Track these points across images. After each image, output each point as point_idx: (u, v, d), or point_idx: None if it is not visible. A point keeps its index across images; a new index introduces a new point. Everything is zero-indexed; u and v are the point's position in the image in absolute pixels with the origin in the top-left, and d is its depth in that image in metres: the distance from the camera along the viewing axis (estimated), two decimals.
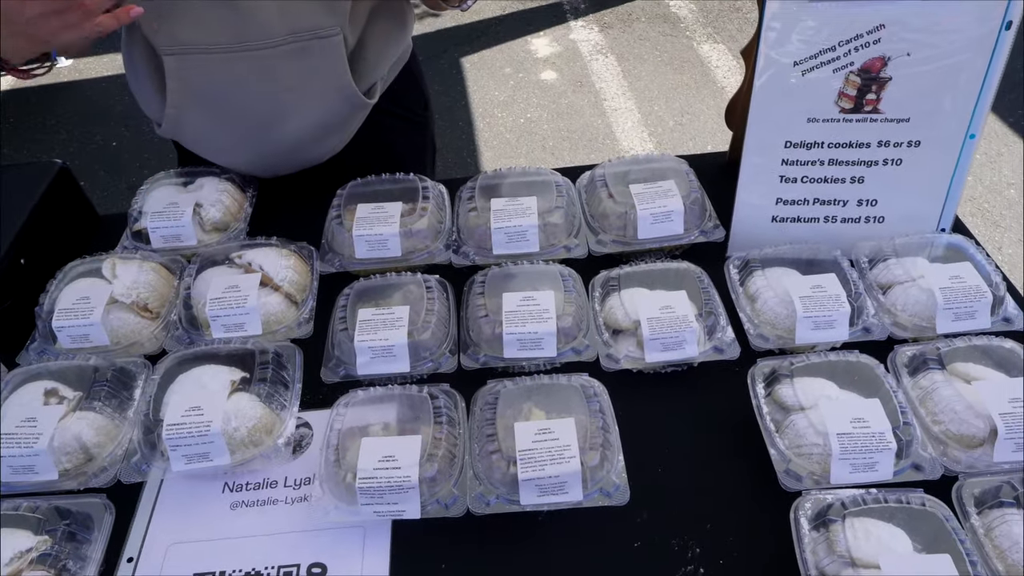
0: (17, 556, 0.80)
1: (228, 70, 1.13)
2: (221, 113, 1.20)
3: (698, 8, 4.27)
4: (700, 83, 3.67)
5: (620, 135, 3.40)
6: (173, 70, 1.14)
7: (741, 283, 1.05)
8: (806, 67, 0.97)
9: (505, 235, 1.12)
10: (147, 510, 0.91)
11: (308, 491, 0.92)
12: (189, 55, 1.12)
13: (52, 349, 1.05)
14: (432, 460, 0.86)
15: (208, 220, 1.21)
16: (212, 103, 1.18)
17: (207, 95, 1.17)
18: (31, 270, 1.12)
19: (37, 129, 3.81)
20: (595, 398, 0.91)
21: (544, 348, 0.99)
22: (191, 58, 1.12)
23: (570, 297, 1.03)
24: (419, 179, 1.21)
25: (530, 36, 4.21)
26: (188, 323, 1.07)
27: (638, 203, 1.11)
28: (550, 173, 1.22)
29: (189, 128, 1.24)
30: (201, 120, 1.22)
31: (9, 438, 0.89)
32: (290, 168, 1.33)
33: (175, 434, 0.88)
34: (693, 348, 0.96)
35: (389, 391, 0.94)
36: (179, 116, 1.21)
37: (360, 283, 1.08)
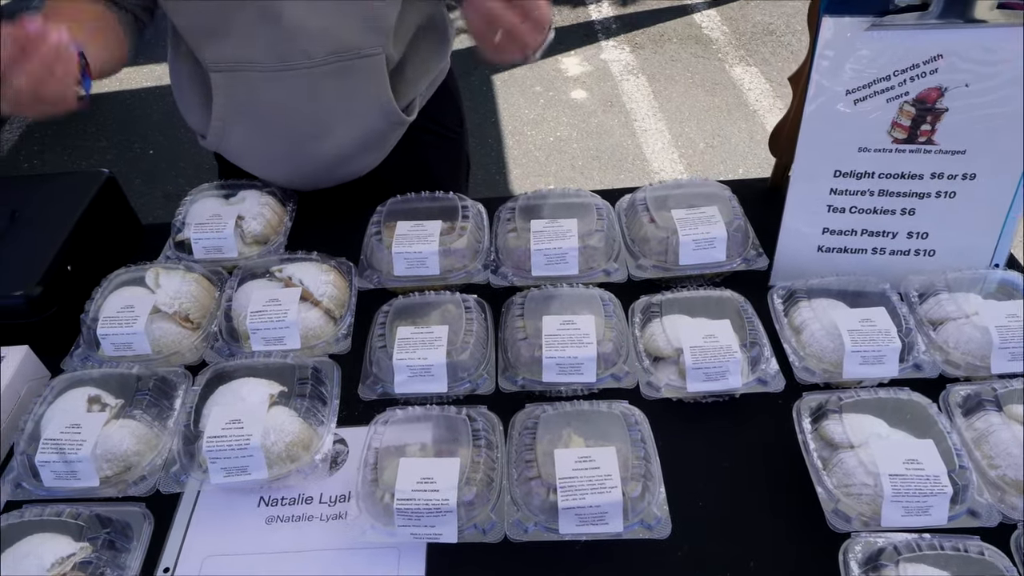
0: (59, 561, 0.80)
1: (272, 87, 1.15)
2: (264, 129, 1.21)
3: (731, 30, 4.27)
4: (732, 106, 3.66)
5: (650, 156, 3.39)
6: (220, 86, 1.16)
7: (785, 314, 1.03)
8: (859, 96, 0.96)
9: (544, 257, 1.12)
10: (184, 521, 0.91)
11: (343, 509, 0.92)
12: (236, 72, 1.13)
13: (95, 356, 1.06)
14: (470, 484, 0.85)
15: (249, 233, 1.22)
16: (256, 119, 1.20)
17: (251, 111, 1.18)
18: (77, 277, 1.13)
19: (78, 136, 3.88)
20: (636, 427, 0.90)
21: (584, 373, 0.98)
22: (237, 75, 1.13)
23: (611, 322, 1.02)
24: (459, 198, 1.21)
25: (561, 55, 4.23)
26: (228, 335, 1.08)
27: (680, 229, 1.10)
28: (590, 195, 1.21)
29: (233, 142, 1.26)
30: (245, 135, 1.23)
31: (53, 443, 0.89)
32: (329, 182, 1.34)
33: (215, 446, 0.88)
34: (736, 379, 0.95)
35: (427, 411, 0.93)
36: (224, 130, 1.23)
37: (399, 301, 1.08)
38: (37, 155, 3.79)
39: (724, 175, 3.23)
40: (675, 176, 3.24)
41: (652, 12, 4.55)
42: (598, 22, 4.51)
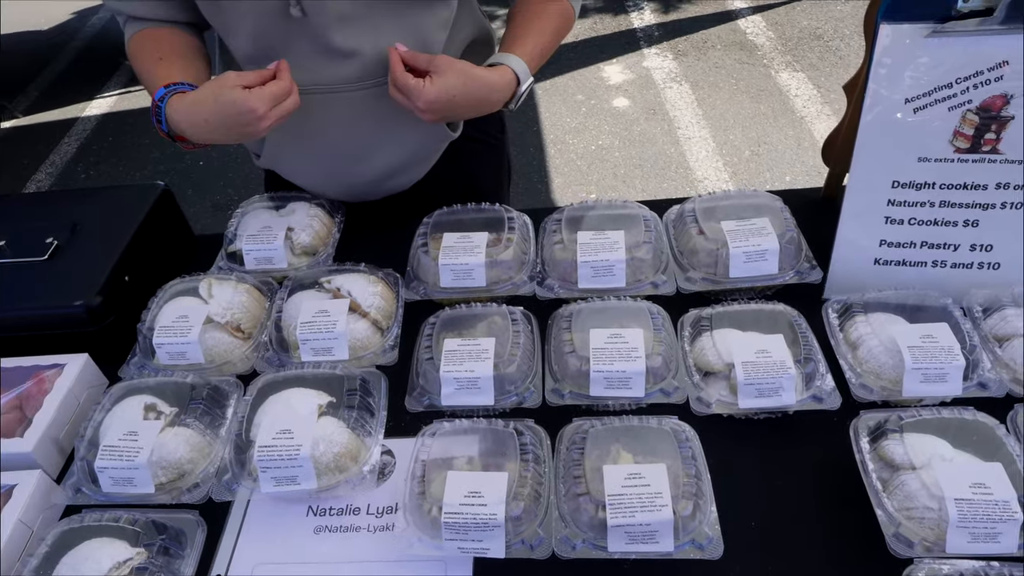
0: (116, 566, 0.82)
1: (324, 109, 1.17)
2: (316, 149, 1.24)
3: (776, 36, 4.20)
4: (778, 112, 3.60)
5: (694, 164, 3.36)
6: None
7: (841, 328, 1.00)
8: (918, 104, 0.93)
9: (591, 269, 1.11)
10: (235, 528, 0.93)
11: (390, 520, 0.92)
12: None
13: (151, 364, 1.08)
14: (518, 499, 0.84)
15: (298, 244, 1.23)
16: (308, 138, 1.22)
17: (304, 132, 1.21)
18: (134, 287, 1.16)
19: (132, 147, 4.01)
20: (687, 443, 0.88)
21: (632, 388, 0.97)
22: None
23: (659, 336, 1.00)
24: (504, 209, 1.21)
25: (603, 63, 4.21)
26: (278, 345, 1.09)
27: (731, 241, 1.08)
28: (637, 206, 1.20)
29: (285, 160, 1.29)
30: (297, 155, 1.26)
31: (112, 450, 0.92)
32: (376, 196, 1.36)
33: (266, 456, 0.89)
34: (790, 396, 0.92)
35: (475, 424, 0.93)
36: (277, 149, 1.27)
37: (445, 312, 1.08)
38: (93, 166, 3.92)
39: (770, 183, 3.18)
40: (719, 184, 3.20)
41: (695, 19, 4.51)
42: (640, 30, 4.49)
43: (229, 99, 1.01)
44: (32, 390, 1.03)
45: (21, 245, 1.18)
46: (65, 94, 4.61)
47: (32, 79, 4.82)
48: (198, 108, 1.04)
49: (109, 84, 4.66)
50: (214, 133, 1.05)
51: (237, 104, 1.00)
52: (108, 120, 4.31)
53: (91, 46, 5.19)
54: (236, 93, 1.01)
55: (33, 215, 1.26)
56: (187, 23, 1.20)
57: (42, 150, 4.08)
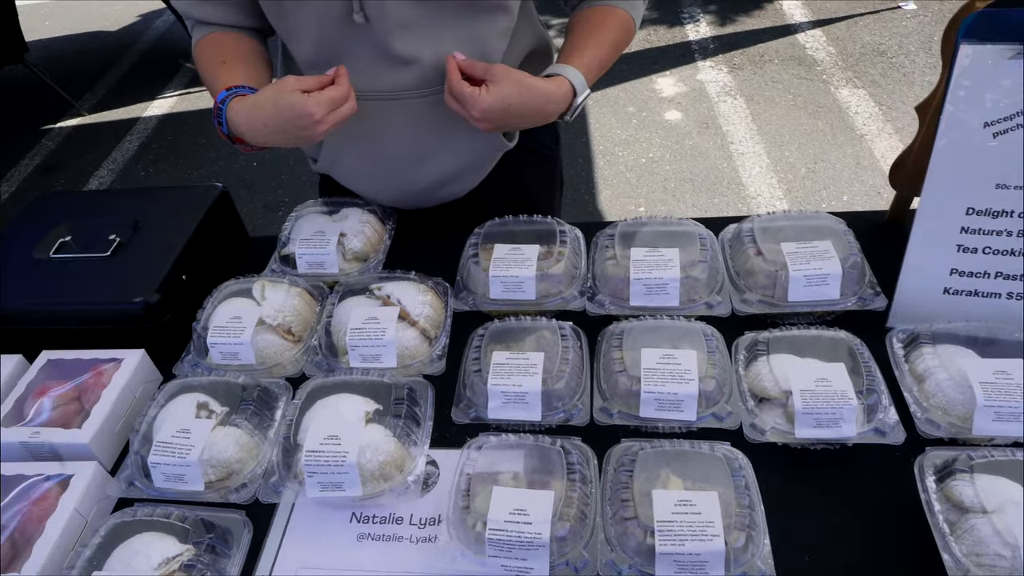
0: (165, 561, 0.83)
1: (383, 115, 1.17)
2: (372, 153, 1.24)
3: (837, 51, 4.11)
4: (836, 129, 3.51)
5: (747, 180, 3.30)
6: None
7: (906, 359, 0.96)
8: (999, 129, 0.89)
9: (644, 287, 1.09)
10: (279, 531, 0.93)
11: (433, 532, 0.91)
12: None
13: (204, 363, 1.10)
14: (564, 519, 0.83)
15: (350, 250, 1.24)
16: (365, 144, 1.23)
17: (362, 137, 1.21)
18: (190, 286, 1.18)
19: (190, 147, 4.11)
20: (740, 472, 0.85)
21: (683, 411, 0.94)
22: None
23: (713, 358, 0.98)
24: (556, 222, 1.20)
25: (655, 75, 4.18)
26: (327, 349, 1.10)
27: (790, 263, 1.05)
28: (693, 224, 1.18)
29: (342, 165, 1.30)
30: (353, 160, 1.27)
31: (165, 446, 0.93)
32: (429, 203, 1.36)
33: (313, 461, 0.90)
34: (851, 428, 0.89)
35: (521, 440, 0.92)
36: (335, 154, 1.28)
37: (494, 325, 1.07)
38: (152, 164, 4.03)
39: (826, 201, 3.10)
40: (773, 202, 3.13)
41: (752, 32, 4.44)
42: (695, 42, 4.44)
43: (288, 103, 1.02)
44: (91, 382, 1.06)
45: (86, 241, 1.21)
46: (128, 94, 4.76)
47: (98, 79, 4.99)
48: (257, 111, 1.05)
49: (170, 85, 4.80)
50: (272, 136, 1.06)
51: (295, 108, 1.01)
52: (168, 120, 4.43)
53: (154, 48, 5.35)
54: (295, 97, 1.02)
55: (98, 212, 1.30)
56: (252, 29, 1.22)
57: (105, 148, 4.22)
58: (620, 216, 3.12)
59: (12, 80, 4.62)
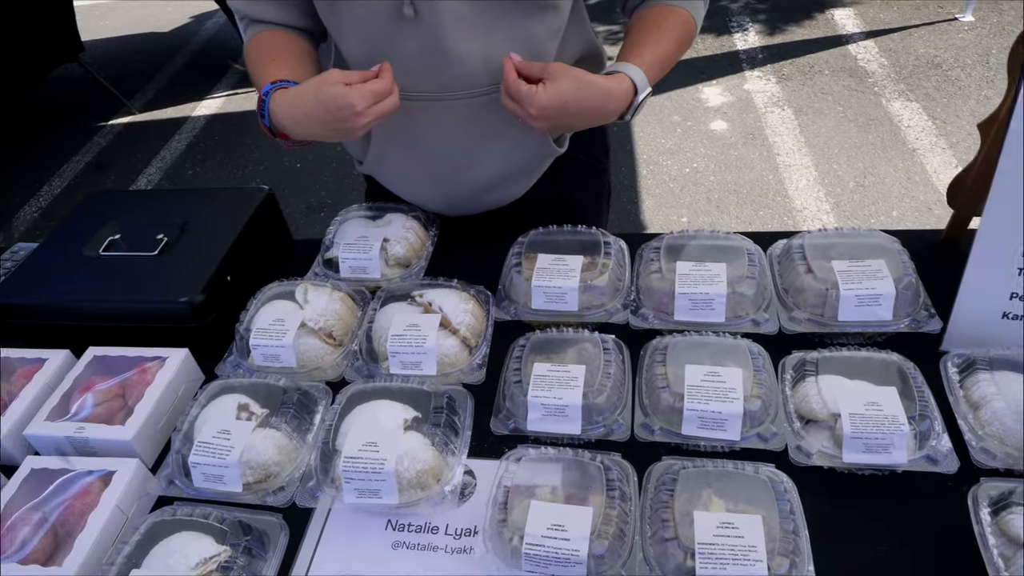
0: (202, 561, 0.84)
1: (430, 116, 1.17)
2: (419, 155, 1.24)
3: (889, 63, 4.02)
4: (887, 143, 3.43)
5: (793, 193, 3.24)
6: None
7: (961, 385, 0.93)
8: None
9: (689, 301, 1.07)
10: (315, 535, 0.93)
11: (468, 543, 0.91)
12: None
13: (246, 364, 1.11)
14: (602, 536, 0.81)
15: (392, 255, 1.24)
16: (412, 145, 1.23)
17: (408, 137, 1.21)
18: (234, 287, 1.19)
19: (236, 147, 4.19)
20: (785, 496, 0.83)
21: (727, 430, 0.92)
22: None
23: (759, 377, 0.96)
24: (601, 233, 1.19)
25: (702, 84, 4.13)
26: (368, 355, 1.10)
27: (842, 282, 1.02)
28: (741, 239, 1.15)
29: (388, 167, 1.30)
30: (400, 160, 1.27)
31: (206, 447, 0.94)
32: (474, 209, 1.36)
33: (351, 467, 0.90)
34: (902, 454, 0.86)
35: (561, 454, 0.90)
36: (381, 155, 1.28)
37: (536, 335, 1.06)
38: (200, 163, 4.11)
39: (875, 216, 3.03)
40: (820, 215, 3.07)
41: (802, 42, 4.36)
42: (743, 51, 4.38)
43: (329, 94, 1.02)
44: (135, 380, 1.08)
45: (134, 240, 1.23)
46: (178, 94, 4.88)
47: (150, 78, 5.12)
48: (298, 102, 1.06)
49: (219, 86, 4.90)
50: (313, 128, 1.06)
51: (337, 99, 1.01)
52: (216, 120, 4.52)
53: (204, 49, 5.48)
54: (337, 88, 1.01)
55: (147, 212, 1.32)
56: (305, 30, 1.23)
57: (154, 146, 4.32)
58: (662, 226, 3.12)
59: (67, 78, 4.76)
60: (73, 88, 4.97)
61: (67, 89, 5.00)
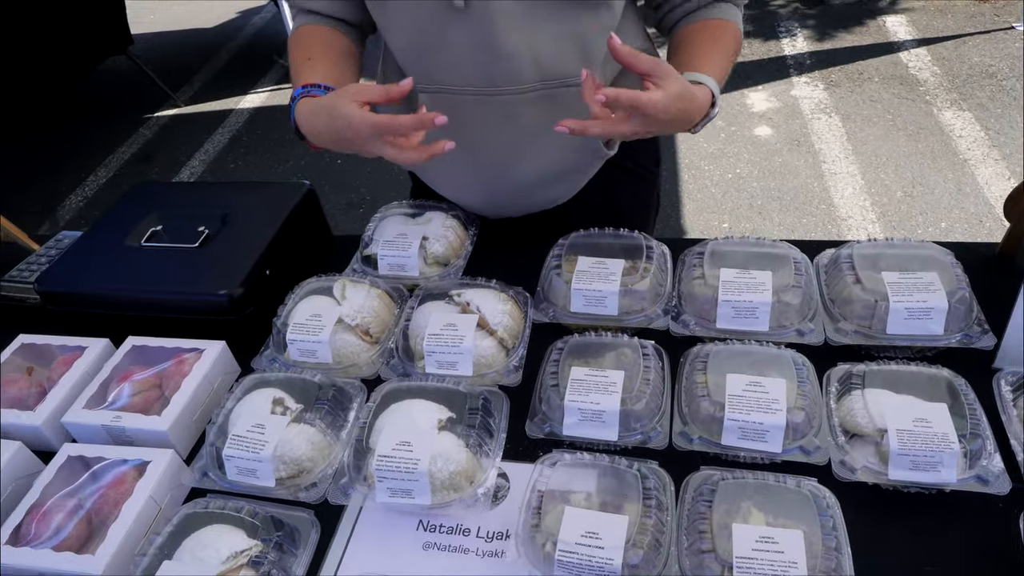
0: (233, 555, 0.84)
1: (476, 111, 1.16)
2: (465, 151, 1.23)
3: (942, 71, 3.91)
4: (937, 153, 3.34)
5: (838, 201, 3.17)
6: (426, 107, 1.18)
7: (1015, 404, 0.89)
8: None
9: (732, 309, 1.04)
10: (346, 533, 0.93)
11: (500, 547, 0.89)
12: (442, 94, 1.15)
13: (282, 359, 1.11)
14: (637, 546, 0.80)
15: (431, 254, 1.24)
16: (458, 141, 1.22)
17: (455, 134, 1.20)
18: (273, 281, 1.20)
19: (278, 142, 4.24)
20: (827, 511, 0.80)
21: (768, 442, 0.90)
22: (443, 97, 1.16)
23: (803, 389, 0.93)
24: (644, 237, 1.17)
25: (747, 89, 4.07)
26: (404, 353, 1.09)
27: (892, 294, 0.99)
28: (787, 247, 1.12)
29: (433, 164, 1.29)
30: (444, 157, 1.26)
31: (240, 440, 0.94)
32: (517, 211, 1.34)
33: (384, 466, 0.89)
34: (951, 473, 0.83)
35: (596, 460, 0.89)
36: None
37: (574, 339, 1.05)
38: (242, 156, 4.18)
39: (923, 227, 2.95)
40: (865, 224, 3.00)
41: (852, 49, 4.28)
42: (791, 57, 4.31)
43: (342, 114, 1.01)
44: (172, 371, 1.08)
45: (176, 232, 1.25)
46: (223, 88, 4.96)
47: (196, 72, 5.22)
48: (314, 118, 1.06)
49: (263, 81, 4.97)
50: (329, 144, 1.08)
51: (346, 121, 1.01)
52: (259, 114, 4.59)
53: (250, 44, 5.57)
54: (350, 109, 1.00)
55: (189, 204, 1.34)
56: (353, 23, 1.23)
57: (198, 139, 4.40)
58: (703, 231, 3.08)
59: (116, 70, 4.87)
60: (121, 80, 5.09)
61: (115, 81, 5.12)
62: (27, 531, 0.91)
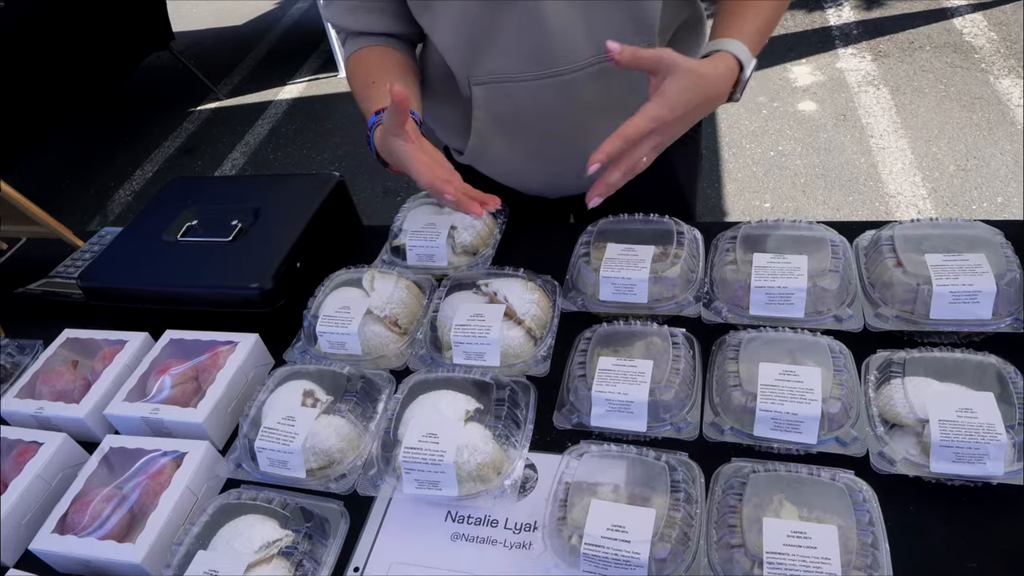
0: (265, 545, 0.85)
1: (534, 95, 1.14)
2: (523, 137, 1.21)
3: (999, 37, 3.73)
4: (994, 124, 3.19)
5: (887, 177, 3.06)
6: (480, 99, 1.18)
7: None
8: None
9: (766, 295, 1.01)
10: (375, 524, 0.93)
11: (528, 538, 0.89)
12: (497, 84, 1.14)
13: (313, 351, 1.12)
14: (665, 540, 0.78)
15: (459, 243, 1.23)
16: (515, 128, 1.21)
17: (511, 121, 1.19)
18: (304, 273, 1.21)
19: (316, 132, 4.29)
20: (863, 505, 0.78)
21: (803, 433, 0.87)
22: (498, 87, 1.15)
23: (840, 377, 0.90)
24: (674, 223, 1.14)
25: (790, 63, 3.95)
26: (432, 344, 1.09)
27: (935, 277, 0.95)
28: (824, 229, 1.09)
29: (489, 155, 1.28)
30: (502, 146, 1.24)
31: (271, 432, 0.95)
32: (580, 188, 1.32)
33: (411, 458, 0.89)
34: (997, 466, 0.79)
35: (624, 451, 0.87)
36: (483, 145, 1.26)
37: (602, 328, 1.03)
38: (281, 147, 4.23)
39: (977, 203, 2.83)
40: (915, 201, 2.89)
41: (902, 16, 4.11)
42: (836, 27, 4.16)
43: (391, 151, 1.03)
44: (207, 363, 1.10)
45: (210, 226, 1.27)
46: (262, 80, 5.03)
47: (235, 65, 5.29)
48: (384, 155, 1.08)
49: (301, 71, 5.02)
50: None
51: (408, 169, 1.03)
52: (297, 105, 4.64)
53: (288, 35, 5.62)
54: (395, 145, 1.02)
55: (223, 198, 1.35)
56: (402, 36, 1.23)
57: (239, 131, 4.47)
58: (743, 212, 3.01)
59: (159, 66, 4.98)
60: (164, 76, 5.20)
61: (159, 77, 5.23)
62: (73, 520, 0.94)
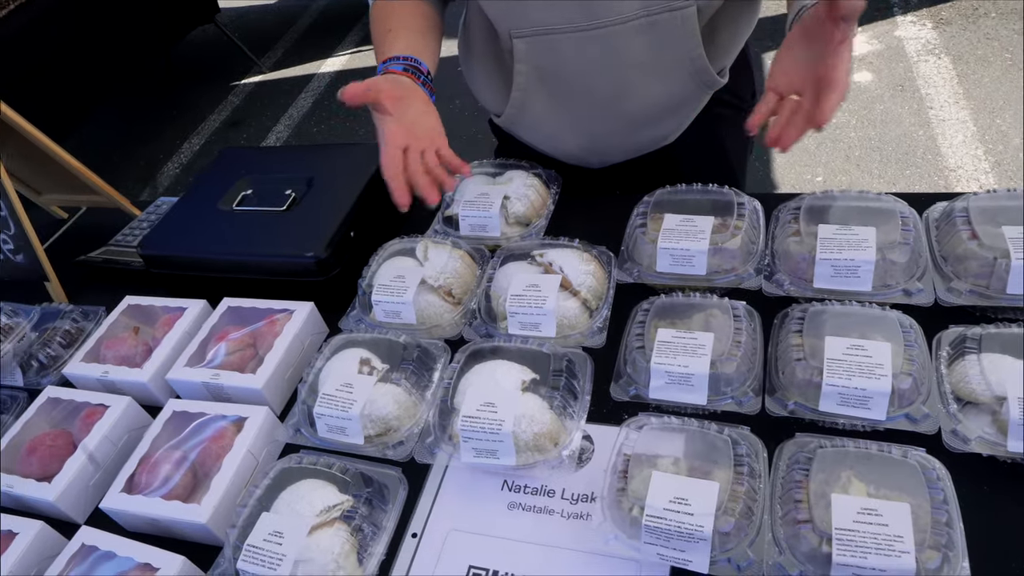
0: (326, 509, 0.86)
1: (577, 49, 1.12)
2: (565, 93, 1.19)
3: None
4: None
5: (947, 151, 2.95)
6: (522, 52, 1.15)
7: None
8: None
9: (832, 268, 0.98)
10: (432, 491, 0.94)
11: (585, 509, 0.89)
12: (540, 36, 1.12)
13: (367, 319, 1.12)
14: (728, 513, 0.77)
15: (512, 213, 1.22)
16: (558, 84, 1.18)
17: (554, 76, 1.16)
18: (357, 242, 1.21)
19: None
20: (937, 483, 0.75)
21: (871, 408, 0.85)
22: (542, 40, 1.12)
23: (911, 352, 0.87)
24: (735, 193, 1.11)
25: None
26: (486, 314, 1.09)
27: (1013, 249, 0.91)
28: (893, 200, 1.05)
29: (530, 114, 1.25)
30: (544, 103, 1.21)
31: (330, 399, 0.96)
32: (623, 154, 1.30)
33: (468, 427, 0.89)
34: None
35: (685, 424, 0.86)
36: (523, 101, 1.23)
37: (660, 300, 1.01)
38: (324, 120, 4.25)
39: None
40: (977, 176, 2.78)
41: None
42: None
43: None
44: (264, 331, 1.12)
45: (264, 195, 1.27)
46: (305, 52, 5.04)
47: (279, 38, 5.31)
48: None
49: (344, 43, 5.01)
50: None
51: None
52: (340, 77, 4.64)
53: (330, 7, 5.61)
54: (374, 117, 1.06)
55: (276, 168, 1.36)
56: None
57: (283, 104, 4.50)
58: (794, 186, 2.93)
59: (205, 39, 5.01)
60: (210, 49, 5.24)
61: (204, 50, 5.27)
62: (139, 480, 0.96)
